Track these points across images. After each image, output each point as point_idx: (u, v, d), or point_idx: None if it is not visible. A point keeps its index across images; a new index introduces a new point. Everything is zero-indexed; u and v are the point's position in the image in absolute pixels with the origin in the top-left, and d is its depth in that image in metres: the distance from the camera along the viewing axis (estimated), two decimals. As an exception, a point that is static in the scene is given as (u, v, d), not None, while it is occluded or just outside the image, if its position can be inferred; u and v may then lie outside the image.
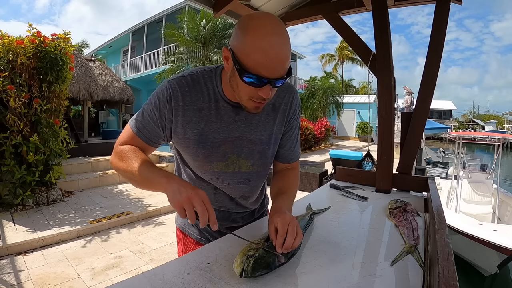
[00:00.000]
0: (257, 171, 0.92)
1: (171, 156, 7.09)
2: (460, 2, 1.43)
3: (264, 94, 0.69)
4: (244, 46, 0.66)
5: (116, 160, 0.84)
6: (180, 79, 0.82)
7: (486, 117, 37.26)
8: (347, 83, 29.85)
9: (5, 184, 4.04)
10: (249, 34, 0.65)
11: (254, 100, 0.72)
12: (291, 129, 0.95)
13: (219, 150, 0.86)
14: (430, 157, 11.00)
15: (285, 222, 0.71)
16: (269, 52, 0.64)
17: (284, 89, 0.90)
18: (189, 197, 0.66)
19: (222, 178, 0.90)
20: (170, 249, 3.23)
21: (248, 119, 0.86)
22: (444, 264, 0.54)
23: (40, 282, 2.48)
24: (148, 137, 0.85)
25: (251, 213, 1.05)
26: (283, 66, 0.67)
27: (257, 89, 0.69)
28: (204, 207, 0.66)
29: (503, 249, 3.00)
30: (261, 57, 0.64)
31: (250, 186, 0.94)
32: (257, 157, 0.90)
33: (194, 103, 0.81)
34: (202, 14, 8.97)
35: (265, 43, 0.64)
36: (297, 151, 1.00)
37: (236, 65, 0.68)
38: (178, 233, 1.11)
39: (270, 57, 0.64)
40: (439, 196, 1.13)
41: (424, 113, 1.46)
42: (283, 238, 0.68)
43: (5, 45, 3.97)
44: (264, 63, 0.65)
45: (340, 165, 1.95)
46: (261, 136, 0.88)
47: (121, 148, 0.85)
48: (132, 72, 14.68)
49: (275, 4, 1.85)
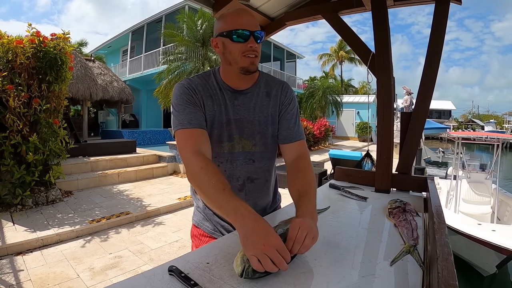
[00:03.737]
0: (260, 151, 1.02)
1: (171, 156, 7.09)
2: (460, 2, 1.43)
3: (252, 44, 0.88)
4: (226, 21, 0.90)
5: (194, 184, 0.84)
6: (189, 78, 0.98)
7: (486, 117, 37.29)
8: (347, 83, 29.85)
9: (4, 184, 4.03)
10: (227, 15, 0.92)
11: (247, 55, 0.89)
12: (286, 111, 1.04)
13: (226, 130, 0.98)
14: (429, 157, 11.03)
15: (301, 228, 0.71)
16: (241, 13, 0.90)
17: (276, 81, 1.06)
18: (264, 250, 0.63)
19: (230, 159, 1.00)
20: (170, 249, 3.23)
21: (246, 103, 1.00)
22: (443, 264, 0.54)
23: (39, 282, 2.47)
24: (201, 122, 0.92)
25: (262, 209, 1.09)
26: (256, 24, 0.90)
27: (246, 43, 0.88)
28: (280, 257, 0.63)
29: (502, 249, 3.00)
30: (239, 19, 0.89)
31: (255, 166, 1.03)
32: (258, 138, 1.01)
33: (206, 91, 0.96)
34: (200, 13, 8.97)
35: (236, 12, 0.91)
36: (298, 131, 1.04)
37: (224, 34, 0.89)
38: (193, 229, 1.15)
39: (245, 17, 0.89)
40: (439, 196, 1.13)
41: (423, 113, 1.46)
42: (292, 242, 0.69)
43: (4, 44, 3.96)
44: (242, 21, 0.88)
45: (339, 165, 1.95)
46: (259, 118, 1.01)
47: (196, 173, 0.82)
48: (131, 72, 14.65)
49: (275, 4, 1.85)
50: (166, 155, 7.16)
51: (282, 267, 0.63)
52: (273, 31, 2.03)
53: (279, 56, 19.34)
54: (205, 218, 1.10)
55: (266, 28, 2.02)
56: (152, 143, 11.24)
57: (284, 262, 0.64)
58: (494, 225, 3.82)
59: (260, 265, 0.62)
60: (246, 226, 0.67)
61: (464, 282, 3.57)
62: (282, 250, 0.64)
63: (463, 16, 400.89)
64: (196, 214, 1.15)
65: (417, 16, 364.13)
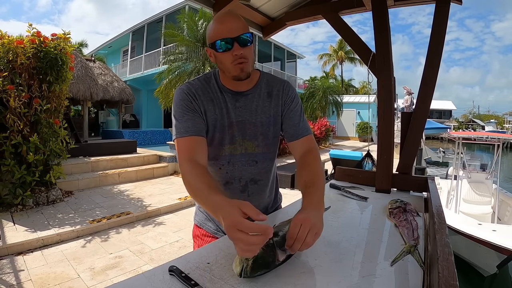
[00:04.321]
0: (262, 152, 1.02)
1: (171, 156, 7.09)
2: (460, 2, 1.43)
3: (237, 51, 0.85)
4: (210, 32, 0.88)
5: (186, 187, 0.84)
6: (189, 82, 0.97)
7: (486, 117, 37.22)
8: (347, 83, 29.84)
9: (5, 184, 4.03)
10: (211, 25, 0.90)
11: (235, 63, 0.87)
12: (289, 109, 1.03)
13: (228, 133, 0.97)
14: (430, 157, 11.02)
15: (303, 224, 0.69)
16: (223, 20, 0.88)
17: (277, 81, 1.05)
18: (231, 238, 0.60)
19: (232, 161, 1.00)
20: (170, 249, 3.23)
21: (247, 105, 0.99)
22: (444, 264, 0.54)
23: (40, 282, 2.47)
24: (198, 129, 0.91)
25: (264, 209, 1.09)
26: (239, 27, 0.86)
27: (231, 52, 0.86)
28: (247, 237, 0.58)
29: (503, 249, 3.00)
30: (219, 27, 0.87)
31: (258, 168, 1.03)
32: (260, 139, 1.01)
33: (207, 95, 0.96)
34: (200, 13, 8.97)
35: (218, 19, 0.89)
36: (303, 127, 1.02)
37: (210, 46, 0.89)
38: (195, 229, 1.15)
39: (225, 24, 0.86)
40: (439, 196, 1.13)
41: (424, 113, 1.46)
42: (293, 241, 0.68)
43: (5, 45, 3.97)
44: (222, 29, 0.86)
45: (340, 165, 1.94)
46: (261, 119, 1.00)
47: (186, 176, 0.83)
48: (132, 72, 14.67)
49: (275, 4, 1.85)
50: (167, 155, 7.16)
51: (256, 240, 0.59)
52: (274, 31, 2.03)
53: (279, 56, 19.34)
54: (208, 218, 1.10)
55: (267, 28, 2.02)
56: (152, 143, 11.25)
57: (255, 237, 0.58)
58: (495, 225, 3.82)
59: (244, 252, 0.59)
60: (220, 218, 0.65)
61: (465, 282, 3.57)
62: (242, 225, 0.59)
63: (463, 16, 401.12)
64: (198, 214, 1.15)
65: (417, 16, 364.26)
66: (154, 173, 6.64)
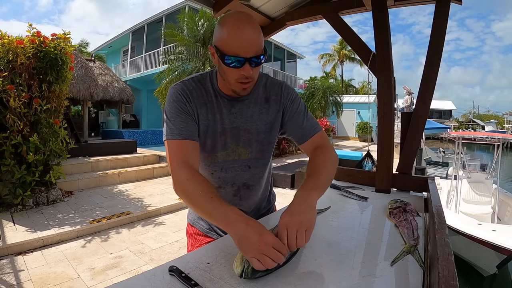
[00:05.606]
0: (255, 158, 0.99)
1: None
2: (460, 2, 1.43)
3: (246, 72, 0.79)
4: (222, 37, 0.79)
5: (181, 195, 0.82)
6: (184, 82, 0.92)
7: (486, 117, 37.25)
8: (347, 83, 29.84)
9: (5, 184, 4.04)
10: (225, 27, 0.79)
11: (240, 81, 0.82)
12: (291, 111, 0.99)
13: (220, 140, 0.94)
14: (430, 157, 11.03)
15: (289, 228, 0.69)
16: (241, 35, 0.77)
17: (274, 84, 0.99)
18: (261, 250, 0.63)
19: (225, 168, 0.97)
20: (170, 249, 3.23)
21: (243, 111, 0.94)
22: (444, 264, 0.54)
23: (40, 282, 2.47)
24: (192, 132, 0.87)
25: (255, 210, 1.08)
26: (255, 47, 0.78)
27: (239, 70, 0.79)
28: (277, 253, 0.64)
29: (503, 249, 3.00)
30: (235, 41, 0.77)
31: (251, 173, 1.00)
32: (254, 145, 0.97)
33: (200, 98, 0.91)
34: (200, 13, 8.98)
35: (237, 30, 0.77)
36: (309, 126, 0.98)
37: (218, 53, 0.79)
38: (188, 228, 1.15)
39: (242, 40, 0.77)
40: (439, 196, 1.13)
41: (424, 113, 1.46)
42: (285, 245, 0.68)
43: (5, 45, 3.97)
44: (238, 44, 0.77)
45: (340, 165, 1.94)
46: (256, 126, 0.96)
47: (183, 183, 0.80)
48: (132, 72, 14.67)
49: (275, 4, 1.85)
50: (167, 155, 7.16)
51: (279, 261, 0.64)
52: (274, 31, 2.03)
53: (279, 56, 19.34)
54: (200, 217, 1.09)
55: (267, 28, 2.02)
56: (152, 143, 11.24)
57: (282, 256, 0.65)
58: (495, 225, 3.82)
59: (261, 265, 0.63)
60: (239, 230, 0.67)
61: (465, 282, 3.57)
62: (278, 245, 0.65)
63: (463, 16, 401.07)
64: (191, 213, 1.14)
65: (418, 16, 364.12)
66: (154, 173, 6.64)
